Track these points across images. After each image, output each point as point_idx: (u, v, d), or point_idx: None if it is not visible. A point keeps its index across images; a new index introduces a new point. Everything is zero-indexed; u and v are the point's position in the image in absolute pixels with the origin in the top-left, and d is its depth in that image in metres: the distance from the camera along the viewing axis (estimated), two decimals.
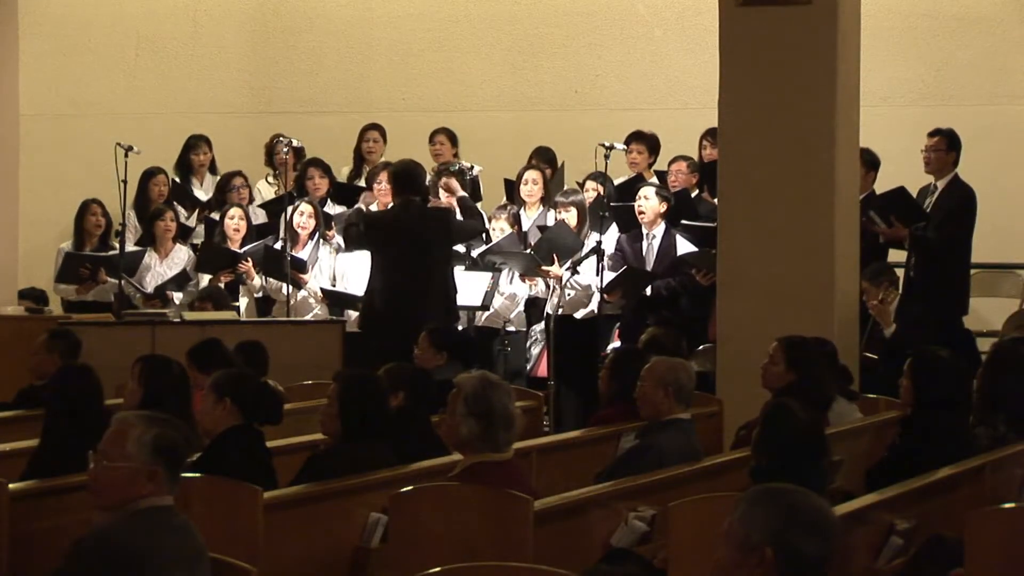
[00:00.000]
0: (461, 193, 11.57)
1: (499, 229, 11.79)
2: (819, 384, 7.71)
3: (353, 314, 11.73)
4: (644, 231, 11.56)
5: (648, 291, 11.42)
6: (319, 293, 12.02)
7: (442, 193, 11.98)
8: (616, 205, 11.73)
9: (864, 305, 10.33)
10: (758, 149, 9.58)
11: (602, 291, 11.27)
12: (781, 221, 9.51)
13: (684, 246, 11.49)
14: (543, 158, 12.54)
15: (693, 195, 11.96)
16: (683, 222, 11.55)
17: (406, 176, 10.89)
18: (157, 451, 4.59)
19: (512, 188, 12.33)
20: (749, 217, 9.60)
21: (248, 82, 14.85)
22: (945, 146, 10.89)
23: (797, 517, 3.79)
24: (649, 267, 11.49)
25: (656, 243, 11.53)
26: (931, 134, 10.99)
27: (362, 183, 12.82)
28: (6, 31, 14.59)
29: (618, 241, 11.69)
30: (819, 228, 9.47)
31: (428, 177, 12.29)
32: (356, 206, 12.26)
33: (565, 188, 12.24)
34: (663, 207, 11.51)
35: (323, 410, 7.05)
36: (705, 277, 11.13)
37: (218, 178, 13.20)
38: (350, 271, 11.97)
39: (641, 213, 11.53)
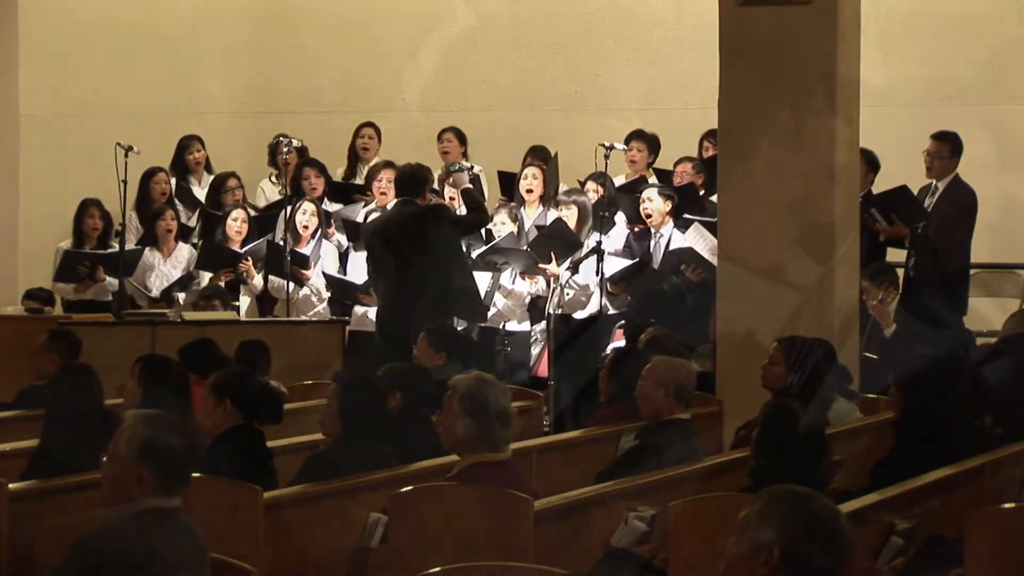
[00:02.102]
0: (466, 186, 11.50)
1: (500, 223, 11.78)
2: (819, 384, 7.71)
3: (357, 310, 11.75)
4: (652, 230, 11.56)
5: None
6: (321, 291, 12.03)
7: (447, 189, 11.99)
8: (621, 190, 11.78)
9: (864, 305, 10.32)
10: (758, 149, 9.58)
11: (608, 280, 11.26)
12: (781, 221, 9.51)
13: (680, 242, 11.47)
14: (538, 156, 12.53)
15: (701, 193, 11.96)
16: (685, 216, 11.55)
17: (407, 179, 11.02)
18: (144, 454, 4.53)
19: (507, 181, 12.33)
20: (749, 217, 9.60)
21: (248, 82, 14.84)
22: (948, 153, 10.89)
23: (814, 526, 3.70)
24: (656, 265, 11.48)
25: (664, 241, 11.52)
26: (935, 137, 10.97)
27: (359, 182, 12.81)
28: (6, 31, 14.60)
29: (626, 239, 11.68)
30: (819, 228, 9.47)
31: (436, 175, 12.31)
32: (359, 210, 12.26)
33: (561, 182, 12.24)
34: (668, 205, 11.50)
35: (323, 410, 7.04)
36: (694, 273, 11.13)
37: (212, 178, 13.22)
38: (359, 267, 11.96)
39: (648, 216, 11.52)
